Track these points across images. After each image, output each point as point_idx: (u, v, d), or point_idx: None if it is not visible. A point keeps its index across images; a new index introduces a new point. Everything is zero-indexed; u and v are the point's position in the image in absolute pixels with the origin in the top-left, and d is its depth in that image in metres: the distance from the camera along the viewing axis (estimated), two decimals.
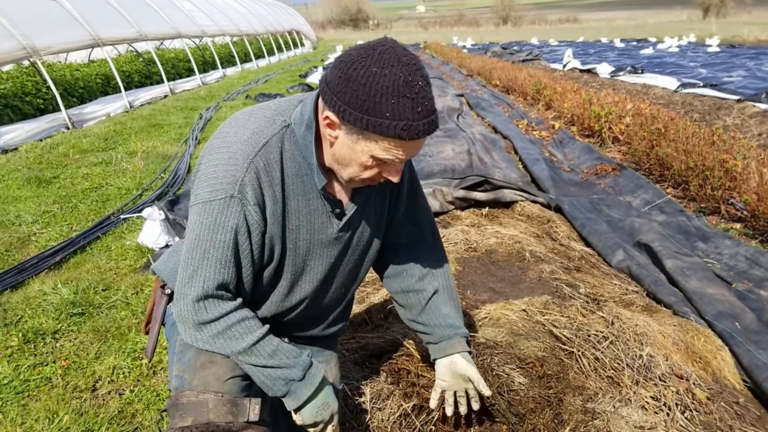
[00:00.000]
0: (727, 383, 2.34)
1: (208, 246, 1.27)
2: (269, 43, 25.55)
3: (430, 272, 1.72)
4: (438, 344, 1.71)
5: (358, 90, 1.15)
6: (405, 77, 1.15)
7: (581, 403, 1.97)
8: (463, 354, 1.69)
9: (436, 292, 1.71)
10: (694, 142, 5.07)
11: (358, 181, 1.32)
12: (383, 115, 1.15)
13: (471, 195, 4.40)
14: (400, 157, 1.23)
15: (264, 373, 1.33)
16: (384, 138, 1.18)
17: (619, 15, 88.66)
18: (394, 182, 1.31)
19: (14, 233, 4.32)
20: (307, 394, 1.34)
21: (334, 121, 1.22)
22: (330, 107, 1.21)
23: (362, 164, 1.26)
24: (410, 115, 1.16)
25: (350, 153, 1.25)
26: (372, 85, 1.14)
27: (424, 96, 1.17)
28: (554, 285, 2.99)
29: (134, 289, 3.43)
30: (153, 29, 13.84)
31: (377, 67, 1.15)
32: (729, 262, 3.50)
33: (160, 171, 6.15)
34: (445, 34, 53.06)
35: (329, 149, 1.30)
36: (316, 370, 1.38)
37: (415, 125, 1.17)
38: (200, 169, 1.31)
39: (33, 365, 2.67)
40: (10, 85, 9.42)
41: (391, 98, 1.14)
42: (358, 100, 1.15)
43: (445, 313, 1.71)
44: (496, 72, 13.98)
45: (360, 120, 1.16)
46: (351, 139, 1.22)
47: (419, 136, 1.18)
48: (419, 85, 1.17)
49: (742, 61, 16.32)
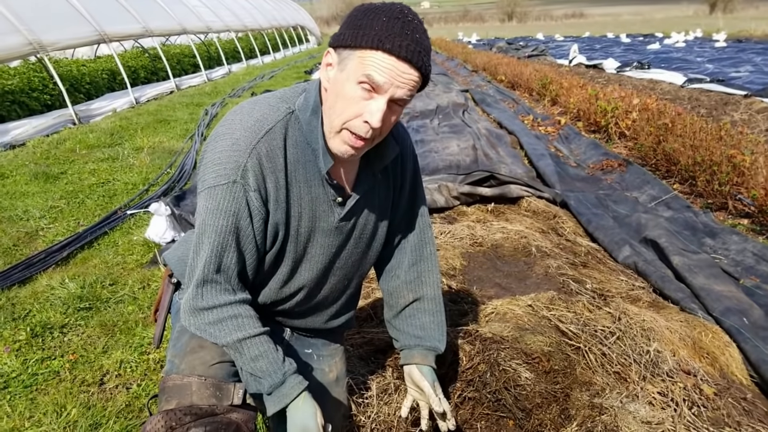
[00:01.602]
0: (735, 379, 2.33)
1: (211, 231, 1.28)
2: (274, 39, 25.53)
3: (417, 279, 1.69)
4: (401, 351, 1.69)
5: (357, 16, 1.22)
6: (401, 9, 1.21)
7: (588, 399, 1.97)
8: (420, 366, 1.62)
9: (416, 300, 1.69)
10: (702, 138, 5.04)
11: (338, 132, 1.28)
12: (373, 29, 1.18)
13: (476, 190, 4.40)
14: (383, 75, 1.19)
15: (242, 372, 1.34)
16: (369, 49, 1.19)
17: (625, 10, 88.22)
18: (373, 124, 1.23)
19: (22, 228, 4.34)
20: (274, 409, 1.32)
21: (331, 56, 1.26)
22: (330, 44, 1.26)
23: (346, 96, 1.23)
24: (398, 32, 1.18)
25: (338, 87, 1.24)
26: (370, 10, 1.21)
27: (415, 30, 1.21)
28: (560, 280, 2.98)
29: (141, 283, 3.44)
30: (158, 25, 13.85)
31: (381, 4, 1.23)
32: (736, 258, 3.49)
33: (166, 166, 6.16)
34: (450, 30, 52.94)
35: (324, 99, 1.31)
36: (289, 390, 1.31)
37: (400, 40, 1.18)
38: (206, 156, 1.32)
39: (41, 359, 2.69)
40: (18, 80, 9.47)
41: (383, 17, 1.19)
42: (353, 21, 1.21)
43: (418, 323, 1.67)
44: (502, 67, 13.94)
45: (350, 36, 1.20)
46: (341, 67, 1.24)
47: (402, 52, 1.18)
48: (413, 21, 1.21)
49: (750, 57, 16.22)
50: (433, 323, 1.68)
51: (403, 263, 1.70)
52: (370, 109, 1.22)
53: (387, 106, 1.23)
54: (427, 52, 1.22)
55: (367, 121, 1.23)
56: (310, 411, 1.32)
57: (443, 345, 1.67)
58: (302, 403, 1.32)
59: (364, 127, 1.24)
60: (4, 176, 5.81)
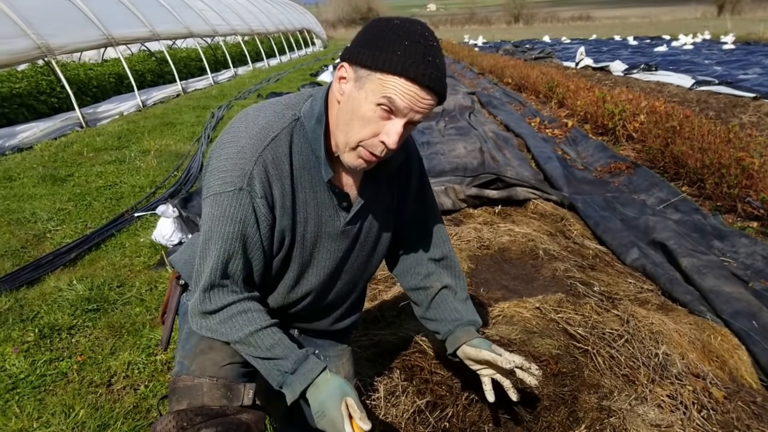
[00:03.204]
0: (744, 382, 2.31)
1: (218, 237, 1.29)
2: (280, 42, 25.60)
3: (437, 269, 1.72)
4: (446, 341, 1.69)
5: (376, 34, 1.21)
6: (422, 31, 1.20)
7: (596, 401, 1.96)
8: (469, 342, 1.61)
9: (443, 288, 1.71)
10: (710, 140, 5.01)
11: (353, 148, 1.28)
12: (395, 52, 1.17)
13: (483, 193, 4.39)
14: (404, 101, 1.20)
15: (260, 364, 1.34)
16: (391, 74, 1.18)
17: (632, 12, 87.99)
18: (390, 146, 1.25)
19: (30, 230, 4.36)
20: (300, 388, 1.31)
21: (346, 71, 1.25)
22: (345, 57, 1.24)
23: (363, 116, 1.23)
24: (420, 59, 1.18)
25: (354, 106, 1.23)
26: (390, 30, 1.20)
27: (436, 55, 1.20)
28: (568, 283, 2.97)
29: (148, 285, 3.45)
30: (165, 29, 13.93)
31: (399, 21, 1.21)
32: (746, 261, 3.46)
33: (173, 169, 6.19)
34: (456, 33, 52.96)
35: (335, 113, 1.30)
36: (313, 366, 1.33)
37: (423, 67, 1.18)
38: (211, 163, 1.33)
39: (49, 360, 2.70)
40: (25, 84, 9.54)
41: (404, 40, 1.18)
42: (373, 40, 1.20)
43: (450, 307, 1.69)
44: (508, 70, 13.92)
45: (371, 58, 1.19)
46: (358, 85, 1.22)
47: (427, 80, 1.18)
48: (435, 44, 1.21)
49: (758, 59, 16.13)
50: (465, 304, 1.71)
51: (423, 260, 1.72)
52: (387, 131, 1.24)
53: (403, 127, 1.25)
54: (445, 76, 1.23)
55: (383, 141, 1.25)
56: (339, 379, 1.34)
57: (480, 319, 1.70)
58: (330, 375, 1.34)
59: (380, 146, 1.27)
60: (12, 179, 5.85)
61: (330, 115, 1.33)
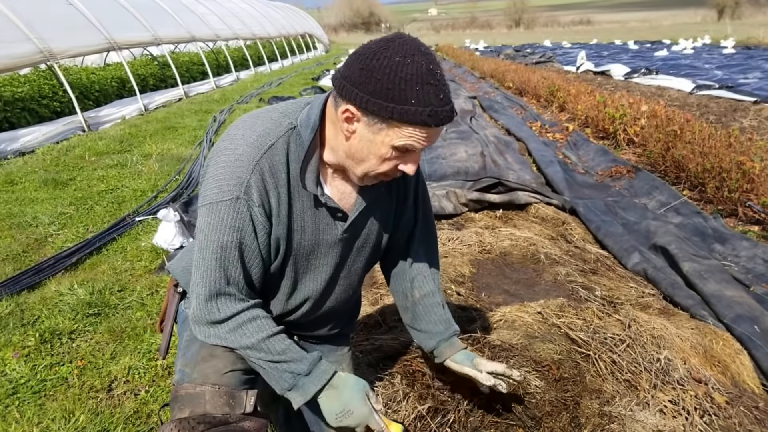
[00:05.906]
0: (747, 387, 2.30)
1: (216, 246, 1.28)
2: (282, 47, 25.66)
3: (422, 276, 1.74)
4: (432, 353, 1.75)
5: (382, 79, 1.15)
6: (427, 65, 1.16)
7: (598, 407, 1.95)
8: (453, 357, 1.70)
9: (425, 296, 1.73)
10: (711, 144, 5.01)
11: (372, 176, 1.31)
12: (409, 102, 1.15)
13: (485, 197, 4.39)
14: (422, 144, 1.23)
15: (272, 367, 1.33)
16: (409, 125, 1.18)
17: (632, 17, 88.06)
18: (410, 174, 1.30)
19: (31, 234, 4.37)
20: (315, 389, 1.32)
21: (354, 113, 1.21)
22: (350, 100, 1.19)
23: (381, 156, 1.24)
24: (435, 102, 1.16)
25: (369, 146, 1.24)
26: (396, 73, 1.14)
27: (444, 84, 1.19)
28: (570, 287, 2.97)
29: (149, 290, 3.45)
30: (168, 33, 13.95)
31: (400, 57, 1.15)
32: (747, 265, 3.46)
33: (174, 173, 6.19)
34: (457, 37, 53.03)
35: (344, 144, 1.28)
36: (327, 367, 1.36)
37: (440, 111, 1.17)
38: (208, 171, 1.32)
39: (50, 365, 2.69)
40: (28, 88, 9.57)
41: (415, 86, 1.15)
42: (383, 89, 1.15)
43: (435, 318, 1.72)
44: (509, 74, 13.94)
45: (385, 109, 1.16)
46: (372, 130, 1.21)
47: (443, 122, 1.19)
48: (439, 73, 1.19)
49: (758, 63, 16.14)
50: (444, 312, 1.75)
51: (411, 265, 1.74)
52: (407, 162, 1.29)
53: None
54: (451, 98, 1.24)
55: (403, 170, 1.30)
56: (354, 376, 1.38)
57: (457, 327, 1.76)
58: (345, 374, 1.38)
59: (398, 173, 1.31)
60: (14, 183, 5.86)
61: (326, 135, 1.32)
